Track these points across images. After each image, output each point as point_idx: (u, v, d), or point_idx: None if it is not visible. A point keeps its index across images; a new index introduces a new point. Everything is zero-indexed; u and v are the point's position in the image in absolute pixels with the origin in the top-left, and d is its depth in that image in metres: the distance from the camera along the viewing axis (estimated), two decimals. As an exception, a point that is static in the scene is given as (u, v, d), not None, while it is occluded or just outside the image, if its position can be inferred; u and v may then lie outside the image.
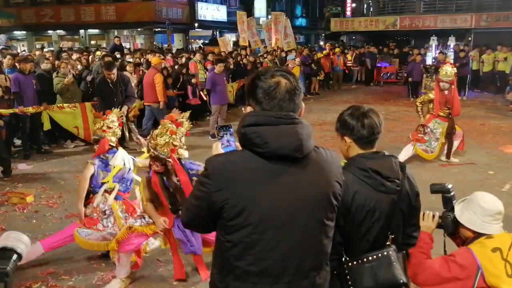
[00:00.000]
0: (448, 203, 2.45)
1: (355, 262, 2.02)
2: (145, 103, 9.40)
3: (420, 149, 7.24)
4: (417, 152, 7.24)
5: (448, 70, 6.96)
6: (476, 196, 2.39)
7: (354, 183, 1.98)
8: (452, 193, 2.44)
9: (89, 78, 9.27)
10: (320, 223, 1.71)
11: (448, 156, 7.46)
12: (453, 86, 7.04)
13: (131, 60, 10.94)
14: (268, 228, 1.63)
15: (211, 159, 1.71)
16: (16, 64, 8.41)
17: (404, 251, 2.22)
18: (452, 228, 2.43)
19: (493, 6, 24.36)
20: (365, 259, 2.02)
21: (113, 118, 4.26)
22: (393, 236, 2.08)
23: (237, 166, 1.64)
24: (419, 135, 7.17)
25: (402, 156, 6.96)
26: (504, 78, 15.22)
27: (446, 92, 7.03)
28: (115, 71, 7.60)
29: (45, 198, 6.09)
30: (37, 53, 12.56)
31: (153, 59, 10.01)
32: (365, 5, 31.85)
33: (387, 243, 2.07)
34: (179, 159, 3.58)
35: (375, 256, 2.02)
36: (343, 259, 2.03)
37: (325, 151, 1.79)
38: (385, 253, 2.03)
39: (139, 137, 7.02)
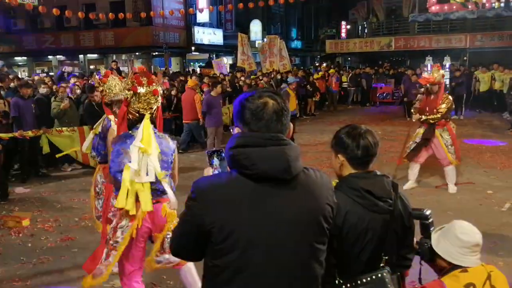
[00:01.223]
0: (425, 230, 2.36)
1: (348, 285, 1.99)
2: (184, 121, 10.57)
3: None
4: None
5: (435, 73, 6.72)
6: (454, 226, 2.31)
7: (346, 203, 1.96)
8: (430, 220, 2.34)
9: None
10: (310, 246, 1.67)
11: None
12: (440, 90, 6.76)
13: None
14: (257, 252, 1.59)
15: (198, 181, 1.69)
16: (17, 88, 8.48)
17: (399, 273, 2.17)
18: (428, 256, 2.35)
19: (488, 26, 24.73)
20: (359, 282, 1.98)
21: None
22: (387, 258, 2.05)
23: (224, 188, 1.62)
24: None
25: (412, 176, 7.09)
26: (501, 97, 15.30)
27: (432, 96, 6.76)
28: (97, 93, 7.67)
29: (41, 221, 6.04)
30: (36, 78, 12.66)
31: (189, 81, 11.12)
32: (360, 27, 32.33)
33: (381, 264, 2.04)
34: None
35: (369, 278, 1.99)
36: (337, 281, 1.99)
37: (315, 172, 1.75)
38: (379, 275, 2.00)
39: None
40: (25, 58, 25.76)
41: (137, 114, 3.22)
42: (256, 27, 31.75)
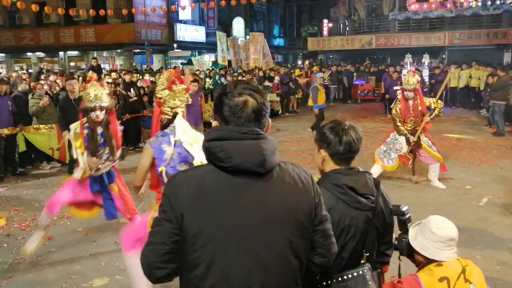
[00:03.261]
0: (403, 226, 2.38)
1: (329, 282, 1.98)
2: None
3: (378, 158, 7.06)
4: (376, 163, 7.07)
5: (410, 79, 6.82)
6: (429, 221, 2.32)
7: (330, 200, 1.95)
8: (407, 216, 2.36)
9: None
10: (286, 239, 1.65)
11: (413, 172, 7.47)
12: (417, 95, 6.89)
13: (110, 80, 10.88)
14: (231, 244, 1.58)
15: (175, 175, 1.69)
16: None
17: (379, 270, 2.18)
18: (407, 251, 2.37)
19: (465, 24, 25.12)
20: (340, 278, 1.98)
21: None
22: (367, 254, 2.05)
23: (198, 181, 1.61)
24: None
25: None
26: (478, 94, 15.58)
27: (411, 102, 6.88)
28: (75, 80, 7.60)
29: (18, 221, 5.92)
30: (14, 74, 12.43)
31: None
32: (341, 25, 32.52)
33: (362, 261, 2.04)
34: None
35: (350, 275, 1.98)
36: (317, 277, 1.98)
37: (293, 167, 1.74)
38: (360, 272, 2.00)
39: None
40: (3, 55, 25.33)
41: (170, 113, 3.36)
42: (238, 24, 31.71)
